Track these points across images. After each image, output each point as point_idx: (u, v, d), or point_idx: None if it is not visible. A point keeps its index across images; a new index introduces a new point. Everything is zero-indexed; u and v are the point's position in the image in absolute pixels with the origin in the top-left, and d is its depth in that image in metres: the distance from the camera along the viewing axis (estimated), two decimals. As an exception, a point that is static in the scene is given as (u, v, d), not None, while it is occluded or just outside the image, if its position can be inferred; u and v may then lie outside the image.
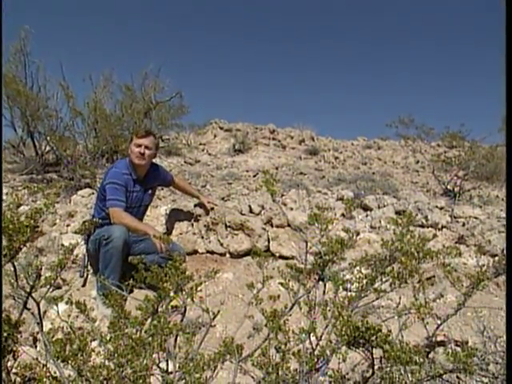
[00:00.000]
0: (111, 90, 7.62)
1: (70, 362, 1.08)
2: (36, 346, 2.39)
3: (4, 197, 4.05)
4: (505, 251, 3.01)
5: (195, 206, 3.73)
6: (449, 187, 6.14)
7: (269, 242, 3.45)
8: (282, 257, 3.34)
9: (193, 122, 11.70)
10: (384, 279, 1.52)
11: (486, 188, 6.68)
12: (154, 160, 3.26)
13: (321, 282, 1.59)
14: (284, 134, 11.59)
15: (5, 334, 1.21)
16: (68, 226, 3.85)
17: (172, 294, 1.48)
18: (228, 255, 3.40)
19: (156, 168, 3.30)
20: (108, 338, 1.23)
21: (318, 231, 1.68)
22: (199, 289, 1.52)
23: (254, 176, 7.07)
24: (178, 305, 1.53)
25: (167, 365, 1.31)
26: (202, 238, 3.55)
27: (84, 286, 3.05)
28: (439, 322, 1.60)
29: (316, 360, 1.26)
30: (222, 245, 3.45)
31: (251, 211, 3.88)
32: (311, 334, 1.37)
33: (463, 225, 4.06)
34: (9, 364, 1.22)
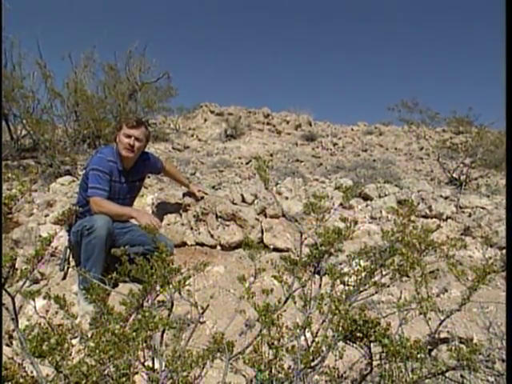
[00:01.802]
0: (93, 70, 7.59)
1: (46, 358, 1.08)
2: (12, 344, 2.39)
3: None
4: (506, 243, 3.04)
5: (184, 194, 3.72)
6: (455, 175, 6.17)
7: (262, 233, 3.46)
8: (276, 249, 3.34)
9: (181, 105, 11.64)
10: (384, 272, 1.53)
11: (495, 176, 6.72)
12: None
13: (317, 275, 1.59)
14: (279, 118, 11.58)
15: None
16: (46, 216, 3.83)
17: (158, 287, 1.48)
18: (219, 247, 3.40)
19: (145, 157, 3.23)
20: (89, 335, 1.23)
21: (314, 221, 1.68)
22: (188, 282, 1.52)
23: (247, 163, 7.07)
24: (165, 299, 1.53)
25: (153, 362, 1.31)
26: (191, 229, 3.54)
27: (64, 279, 3.05)
28: (442, 317, 1.62)
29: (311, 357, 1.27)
30: (212, 236, 3.45)
31: (244, 201, 3.88)
32: (306, 330, 1.38)
33: (469, 215, 4.09)
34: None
